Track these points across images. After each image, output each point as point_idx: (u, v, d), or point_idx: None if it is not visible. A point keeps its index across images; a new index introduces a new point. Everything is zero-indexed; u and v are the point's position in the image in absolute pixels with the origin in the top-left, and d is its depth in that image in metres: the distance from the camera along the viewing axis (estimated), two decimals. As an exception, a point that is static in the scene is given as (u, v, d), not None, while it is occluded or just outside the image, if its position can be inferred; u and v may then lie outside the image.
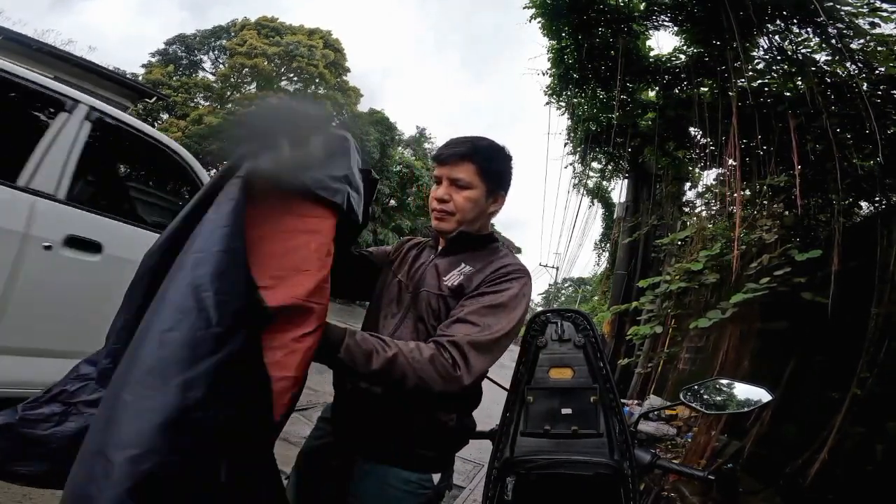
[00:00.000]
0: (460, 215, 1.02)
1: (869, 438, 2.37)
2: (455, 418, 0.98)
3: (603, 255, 9.75)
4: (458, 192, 1.01)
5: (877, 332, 2.42)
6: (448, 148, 1.04)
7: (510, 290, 0.96)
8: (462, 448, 1.07)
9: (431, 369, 0.84)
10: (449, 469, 1.03)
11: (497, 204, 1.08)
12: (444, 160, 1.02)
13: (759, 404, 1.12)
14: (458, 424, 0.99)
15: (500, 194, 1.07)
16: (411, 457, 0.95)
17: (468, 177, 1.00)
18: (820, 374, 2.87)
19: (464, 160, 1.00)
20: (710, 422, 3.12)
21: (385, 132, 23.47)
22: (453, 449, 1.04)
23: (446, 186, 1.02)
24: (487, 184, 1.03)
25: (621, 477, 0.99)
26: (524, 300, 0.98)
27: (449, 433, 0.98)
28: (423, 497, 0.96)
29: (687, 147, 5.47)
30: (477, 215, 1.04)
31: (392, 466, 0.95)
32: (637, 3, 4.82)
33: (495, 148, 1.06)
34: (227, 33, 27.02)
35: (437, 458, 0.99)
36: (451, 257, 1.05)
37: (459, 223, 1.03)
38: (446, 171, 1.02)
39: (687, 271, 3.51)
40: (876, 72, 3.24)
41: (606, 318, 6.99)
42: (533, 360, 1.11)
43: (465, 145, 1.02)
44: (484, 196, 1.03)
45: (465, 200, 1.01)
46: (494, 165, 1.04)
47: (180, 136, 21.42)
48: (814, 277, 2.76)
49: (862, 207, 3.55)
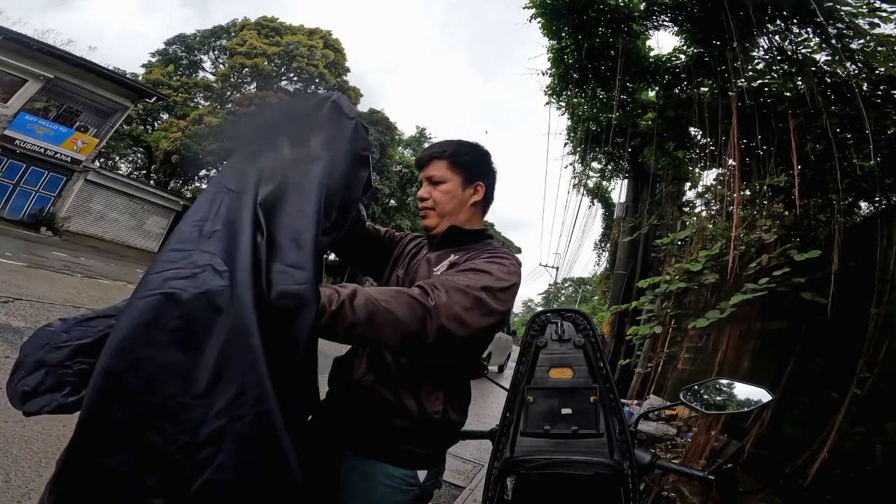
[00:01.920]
0: (439, 208, 1.10)
1: (869, 438, 2.37)
2: (441, 411, 0.96)
3: (603, 255, 9.76)
4: (434, 188, 1.10)
5: (876, 332, 2.42)
6: (423, 152, 1.15)
7: (498, 265, 0.95)
8: (451, 446, 1.06)
9: (400, 300, 0.77)
10: (437, 467, 1.02)
11: (478, 194, 1.13)
12: (420, 164, 1.14)
13: (758, 404, 1.12)
14: (443, 418, 0.96)
15: (478, 184, 1.13)
16: (396, 452, 0.95)
17: (440, 172, 1.10)
18: (820, 374, 2.86)
19: (434, 159, 1.11)
20: (710, 422, 3.12)
21: (385, 132, 23.47)
22: (440, 445, 1.02)
23: (426, 186, 1.12)
24: (461, 174, 1.10)
25: (621, 477, 0.99)
26: (512, 279, 0.94)
27: (435, 427, 0.96)
28: (408, 493, 0.95)
29: (687, 147, 5.47)
30: (456, 206, 1.11)
31: (378, 461, 0.94)
32: (637, 3, 4.82)
33: (464, 143, 1.14)
34: (227, 33, 26.99)
35: (424, 454, 0.97)
36: (443, 250, 1.09)
37: (441, 216, 1.10)
38: (423, 173, 1.13)
39: (686, 271, 3.51)
40: (876, 72, 3.24)
41: (606, 318, 6.99)
42: (533, 360, 1.11)
43: (436, 146, 1.13)
44: (460, 187, 1.11)
45: (442, 194, 1.10)
46: (464, 158, 1.12)
47: (180, 136, 21.40)
48: (813, 277, 2.76)
49: (862, 207, 3.55)
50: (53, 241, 13.99)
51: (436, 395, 0.96)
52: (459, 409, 1.02)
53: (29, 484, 2.00)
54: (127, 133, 23.91)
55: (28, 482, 2.01)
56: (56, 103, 15.95)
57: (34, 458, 2.21)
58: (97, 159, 18.54)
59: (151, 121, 26.51)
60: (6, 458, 2.15)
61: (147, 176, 25.32)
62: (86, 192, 16.90)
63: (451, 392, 0.99)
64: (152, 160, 24.90)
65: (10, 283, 5.82)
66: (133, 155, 27.39)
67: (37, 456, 2.23)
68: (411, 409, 0.94)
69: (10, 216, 15.10)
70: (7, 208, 15.26)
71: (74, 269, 8.95)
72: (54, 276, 7.71)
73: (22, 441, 2.32)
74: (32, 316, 4.67)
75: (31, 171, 15.63)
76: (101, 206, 17.32)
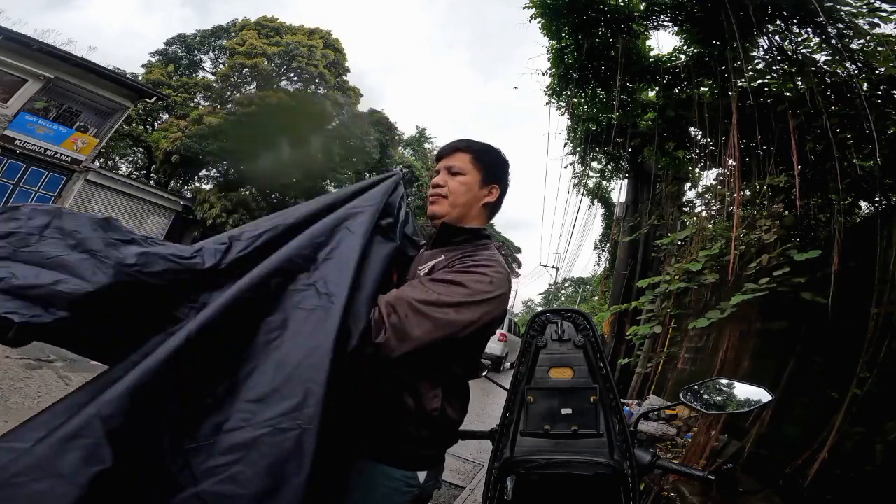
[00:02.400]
0: (452, 197, 1.08)
1: (869, 438, 2.37)
2: (440, 408, 0.94)
3: (603, 255, 9.75)
4: (452, 177, 1.09)
5: (876, 332, 2.42)
6: (448, 143, 1.15)
7: (475, 275, 0.92)
8: (450, 446, 1.05)
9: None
10: (436, 468, 1.01)
11: (491, 195, 1.12)
12: (443, 154, 1.14)
13: (758, 404, 1.12)
14: (442, 415, 0.94)
15: (494, 186, 1.12)
16: (395, 453, 0.94)
17: (462, 164, 1.10)
18: (820, 374, 2.86)
19: (459, 151, 1.11)
20: (710, 422, 3.12)
21: (385, 132, 23.47)
22: (439, 445, 1.01)
23: (443, 174, 1.11)
24: (481, 172, 1.10)
25: (621, 477, 0.99)
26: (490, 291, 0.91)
27: (433, 425, 0.94)
28: (408, 495, 0.94)
29: (687, 147, 5.46)
30: (469, 201, 1.09)
31: (377, 463, 0.94)
32: (637, 3, 4.81)
33: (491, 145, 1.15)
34: (227, 33, 27.00)
35: (423, 455, 0.96)
36: (435, 249, 1.08)
37: (452, 206, 1.08)
38: (444, 162, 1.12)
39: (686, 271, 3.50)
40: (876, 72, 3.23)
41: (606, 318, 6.99)
42: (533, 360, 1.12)
43: (462, 141, 1.14)
44: (478, 183, 1.10)
45: (459, 184, 1.09)
46: (488, 157, 1.12)
47: (180, 136, 21.39)
48: (813, 277, 2.75)
49: (862, 207, 3.54)
50: (53, 241, 13.97)
51: (434, 393, 0.94)
52: (458, 407, 1.01)
53: (29, 484, 2.00)
54: (127, 133, 23.92)
55: (28, 482, 2.01)
56: (56, 103, 15.95)
57: (34, 458, 2.21)
58: (97, 159, 18.54)
59: (151, 121, 26.51)
60: (6, 458, 2.14)
61: (147, 176, 25.32)
62: (86, 193, 16.90)
63: (449, 389, 0.98)
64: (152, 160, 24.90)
65: (10, 283, 5.83)
66: (133, 155, 27.39)
67: (37, 456, 2.23)
68: (409, 407, 0.93)
69: (10, 216, 15.08)
70: (7, 208, 15.24)
71: (74, 269, 8.95)
72: (54, 276, 7.71)
73: (22, 441, 2.31)
74: (32, 316, 4.68)
75: (31, 171, 15.64)
76: (101, 206, 17.32)
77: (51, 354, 3.76)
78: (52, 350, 3.87)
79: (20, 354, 3.54)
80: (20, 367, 3.31)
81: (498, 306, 0.93)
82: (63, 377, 3.37)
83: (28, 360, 3.49)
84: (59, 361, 3.67)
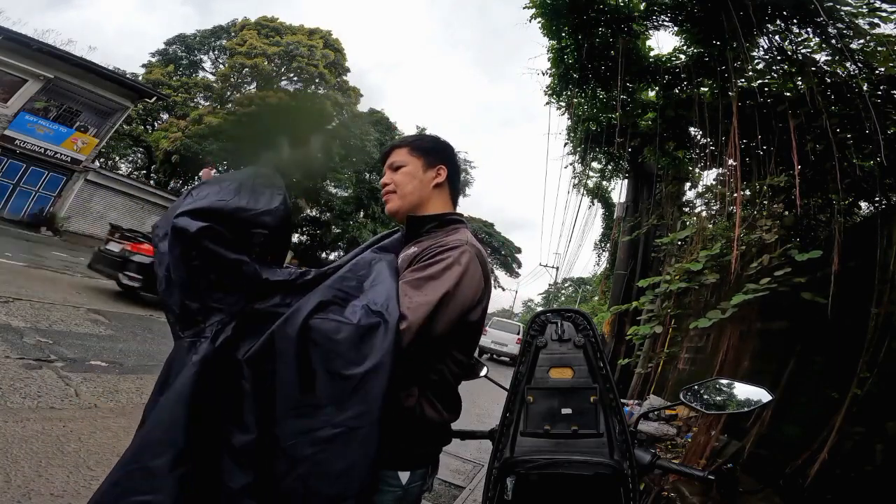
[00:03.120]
0: (400, 190, 1.12)
1: (869, 438, 2.37)
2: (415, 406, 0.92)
3: (603, 255, 9.76)
4: (395, 172, 1.14)
5: (877, 332, 2.42)
6: (383, 148, 1.23)
7: (440, 263, 0.95)
8: (438, 447, 1.02)
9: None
10: (421, 468, 0.98)
11: (440, 176, 1.14)
12: (383, 158, 1.19)
13: (759, 404, 1.12)
14: (419, 414, 0.93)
15: (440, 167, 1.15)
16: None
17: (401, 157, 1.14)
18: (820, 374, 2.86)
19: (395, 148, 1.17)
20: (710, 422, 3.12)
21: (385, 132, 23.50)
22: (419, 445, 0.97)
23: (388, 174, 1.16)
24: (422, 157, 1.14)
25: (621, 477, 0.99)
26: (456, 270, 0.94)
27: (409, 423, 0.92)
28: (388, 494, 0.92)
29: (687, 147, 5.46)
30: (417, 187, 1.12)
31: None
32: (637, 3, 4.81)
33: (423, 134, 1.24)
34: (227, 33, 27.02)
35: (402, 453, 0.93)
36: (409, 243, 1.09)
37: (402, 198, 1.12)
38: (386, 164, 1.17)
39: (687, 271, 3.50)
40: (876, 72, 3.23)
41: (606, 318, 6.99)
42: (533, 360, 1.12)
43: (396, 139, 1.23)
44: (421, 169, 1.13)
45: (402, 176, 1.13)
46: (424, 143, 1.17)
47: (180, 136, 21.41)
48: (814, 277, 2.75)
49: (862, 207, 3.55)
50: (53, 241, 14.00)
51: (409, 391, 0.92)
52: (442, 407, 0.98)
53: (29, 484, 2.00)
54: (127, 133, 23.94)
55: (28, 482, 2.01)
56: (56, 103, 15.95)
57: (34, 458, 2.21)
58: (97, 159, 18.55)
59: (151, 121, 26.53)
60: (6, 458, 2.15)
61: (147, 176, 25.34)
62: (86, 192, 16.91)
63: (428, 389, 0.95)
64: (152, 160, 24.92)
65: (11, 283, 5.83)
66: (133, 155, 27.42)
67: (37, 456, 2.23)
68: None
69: (10, 216, 15.11)
70: (7, 208, 15.27)
71: (74, 269, 8.95)
72: (54, 276, 7.72)
73: (22, 441, 2.32)
74: (32, 316, 4.67)
75: (31, 171, 15.64)
76: (101, 206, 17.32)
77: (51, 355, 3.75)
78: (52, 350, 3.86)
79: (20, 354, 3.54)
80: (20, 367, 3.30)
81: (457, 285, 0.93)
82: (63, 377, 3.36)
83: (28, 360, 3.49)
84: (59, 361, 3.66)
